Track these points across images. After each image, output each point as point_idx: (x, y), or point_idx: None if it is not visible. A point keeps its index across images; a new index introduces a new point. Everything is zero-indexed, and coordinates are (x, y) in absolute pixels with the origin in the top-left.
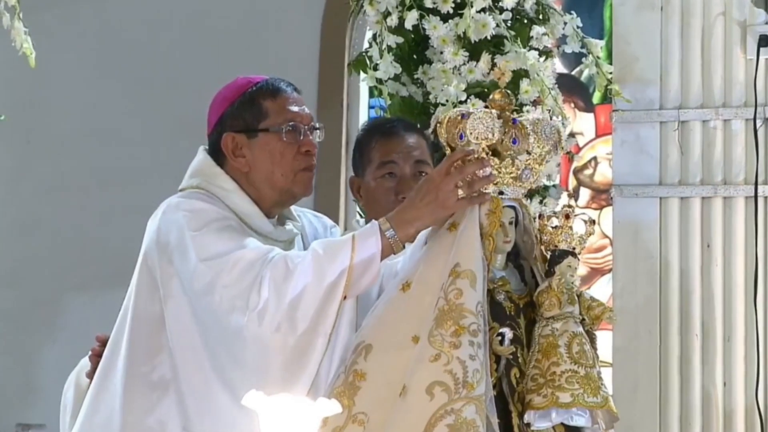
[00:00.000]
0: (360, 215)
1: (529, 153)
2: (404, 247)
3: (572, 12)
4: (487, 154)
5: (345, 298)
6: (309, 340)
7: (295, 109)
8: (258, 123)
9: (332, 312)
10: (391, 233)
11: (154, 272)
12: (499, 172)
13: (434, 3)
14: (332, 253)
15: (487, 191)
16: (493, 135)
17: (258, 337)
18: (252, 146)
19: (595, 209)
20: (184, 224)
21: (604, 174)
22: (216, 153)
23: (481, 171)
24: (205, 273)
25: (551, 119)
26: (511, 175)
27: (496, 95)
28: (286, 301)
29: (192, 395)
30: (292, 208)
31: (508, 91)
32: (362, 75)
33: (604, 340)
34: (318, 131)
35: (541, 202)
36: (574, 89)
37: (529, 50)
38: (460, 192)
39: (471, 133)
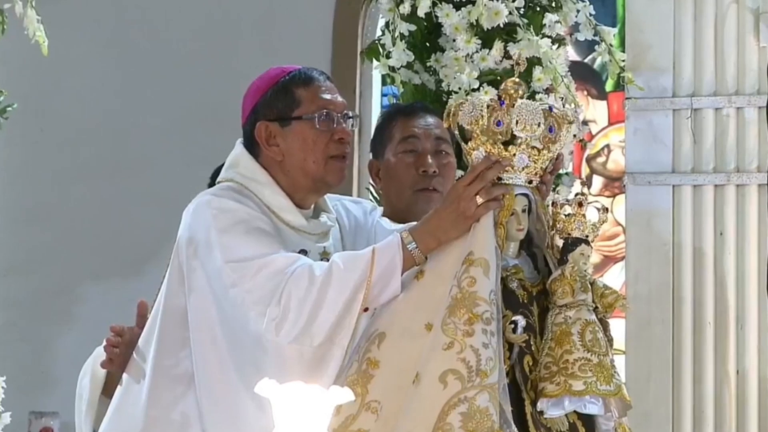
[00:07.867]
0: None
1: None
2: (426, 258)
3: None
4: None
5: (366, 310)
6: (325, 352)
7: (328, 96)
8: (291, 111)
9: (349, 325)
10: (413, 246)
11: (182, 267)
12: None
13: None
14: (351, 267)
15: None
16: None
17: (276, 345)
18: (285, 135)
19: (608, 197)
20: (212, 223)
21: (616, 162)
22: (250, 143)
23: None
24: (229, 275)
25: (564, 106)
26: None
27: (509, 83)
28: (304, 314)
29: (207, 391)
30: (327, 198)
31: (519, 80)
32: (375, 63)
33: (617, 327)
34: (352, 120)
35: (554, 189)
36: (587, 77)
37: (541, 38)
38: (479, 199)
39: (518, 123)
